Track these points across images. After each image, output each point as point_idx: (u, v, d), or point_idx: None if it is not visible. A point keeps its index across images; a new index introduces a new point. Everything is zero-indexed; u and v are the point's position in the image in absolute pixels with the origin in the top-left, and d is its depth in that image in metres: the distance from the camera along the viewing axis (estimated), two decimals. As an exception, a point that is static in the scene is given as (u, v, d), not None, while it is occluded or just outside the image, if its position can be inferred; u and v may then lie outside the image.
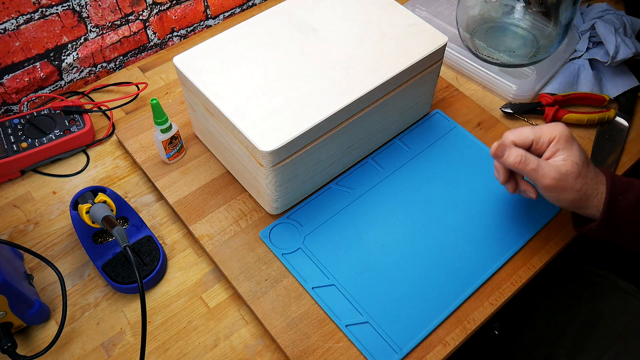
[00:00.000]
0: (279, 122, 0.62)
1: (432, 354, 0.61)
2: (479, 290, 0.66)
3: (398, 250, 0.68)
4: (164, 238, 0.72)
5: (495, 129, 0.81)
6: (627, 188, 0.58)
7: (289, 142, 0.61)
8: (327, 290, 0.65)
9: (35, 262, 0.69)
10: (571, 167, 0.57)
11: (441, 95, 0.86)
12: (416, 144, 0.79)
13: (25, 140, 0.76)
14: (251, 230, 0.70)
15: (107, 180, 0.77)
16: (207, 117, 0.69)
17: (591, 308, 0.78)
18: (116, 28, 0.89)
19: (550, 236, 0.70)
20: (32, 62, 0.83)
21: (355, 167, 0.76)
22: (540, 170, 0.57)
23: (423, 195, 0.73)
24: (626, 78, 0.86)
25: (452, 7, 0.97)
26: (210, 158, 0.78)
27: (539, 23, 0.87)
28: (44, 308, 0.63)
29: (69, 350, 0.63)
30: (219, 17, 1.01)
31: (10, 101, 0.85)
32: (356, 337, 0.62)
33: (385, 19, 0.73)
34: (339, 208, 0.72)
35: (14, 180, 0.77)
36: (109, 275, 0.65)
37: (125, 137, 0.80)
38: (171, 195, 0.73)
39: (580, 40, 0.89)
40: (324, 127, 0.64)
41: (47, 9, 0.79)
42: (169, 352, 0.63)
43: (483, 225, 0.70)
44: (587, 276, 0.83)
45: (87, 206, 0.63)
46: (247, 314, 0.66)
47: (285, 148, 0.61)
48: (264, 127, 0.62)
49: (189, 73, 0.67)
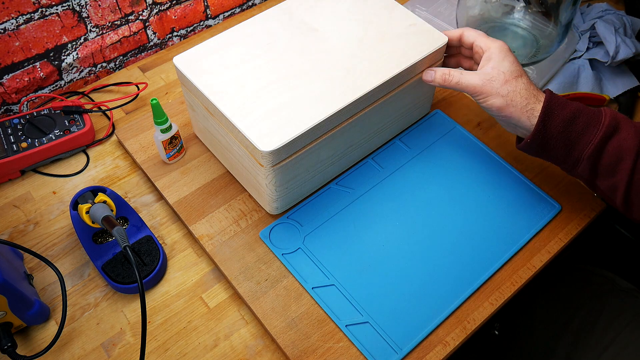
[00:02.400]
0: (279, 122, 0.62)
1: (432, 354, 0.61)
2: (479, 290, 0.66)
3: (398, 250, 0.68)
4: (164, 238, 0.72)
5: (495, 129, 0.81)
6: (564, 104, 0.60)
7: (289, 142, 0.61)
8: (327, 290, 0.65)
9: (35, 262, 0.69)
10: (496, 74, 0.61)
11: (441, 95, 0.86)
12: (416, 144, 0.79)
13: (25, 140, 0.76)
14: (251, 230, 0.70)
15: (107, 180, 0.77)
16: (207, 117, 0.69)
17: (591, 308, 0.78)
18: (116, 28, 0.89)
19: (550, 236, 0.70)
20: (32, 62, 0.83)
21: (355, 167, 0.76)
22: (464, 79, 0.63)
23: (423, 195, 0.73)
24: (626, 78, 0.86)
25: (452, 7, 0.97)
26: (210, 158, 0.77)
27: (539, 23, 0.87)
28: (44, 308, 0.63)
29: (69, 350, 0.63)
30: (219, 17, 1.01)
31: (10, 101, 0.85)
32: (356, 337, 0.62)
33: (385, 19, 0.73)
34: (339, 208, 0.72)
35: (14, 180, 0.77)
36: (109, 275, 0.65)
37: (125, 137, 0.80)
38: (171, 195, 0.73)
39: (580, 40, 0.89)
40: (324, 127, 0.64)
41: (47, 8, 0.79)
42: (169, 352, 0.63)
43: (483, 225, 0.70)
44: (587, 276, 0.83)
45: (87, 206, 0.63)
46: (247, 314, 0.66)
47: (285, 148, 0.61)
48: (264, 127, 0.62)
49: (189, 73, 0.67)
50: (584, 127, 0.59)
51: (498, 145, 0.79)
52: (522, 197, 0.73)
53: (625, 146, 0.57)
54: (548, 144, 0.61)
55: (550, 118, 0.59)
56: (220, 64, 0.68)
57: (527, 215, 0.71)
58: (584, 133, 0.59)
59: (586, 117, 0.59)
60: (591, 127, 0.59)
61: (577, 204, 0.73)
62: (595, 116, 0.59)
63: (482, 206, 0.72)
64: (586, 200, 0.74)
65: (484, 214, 0.71)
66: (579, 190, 0.74)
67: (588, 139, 0.58)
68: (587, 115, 0.59)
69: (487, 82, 0.61)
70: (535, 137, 0.60)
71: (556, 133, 0.59)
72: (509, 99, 0.60)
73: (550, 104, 0.59)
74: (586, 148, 0.59)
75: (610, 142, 0.58)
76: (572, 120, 0.59)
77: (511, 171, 0.76)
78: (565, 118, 0.59)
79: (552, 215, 0.72)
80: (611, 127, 0.58)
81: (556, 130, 0.59)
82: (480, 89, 0.61)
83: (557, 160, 0.62)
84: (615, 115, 0.59)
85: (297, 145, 0.62)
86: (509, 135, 0.81)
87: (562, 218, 0.72)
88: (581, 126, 0.59)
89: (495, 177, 0.75)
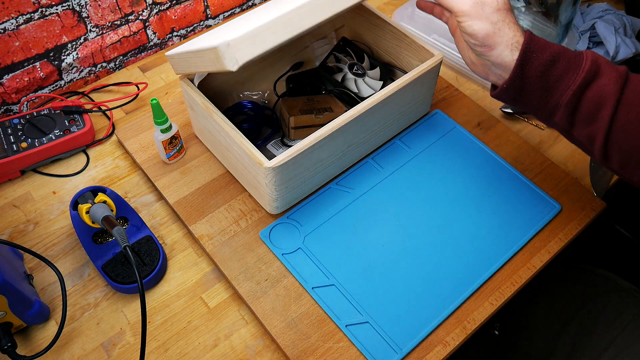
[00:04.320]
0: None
1: (432, 354, 0.61)
2: (479, 290, 0.66)
3: (398, 250, 0.68)
4: (164, 238, 0.72)
5: (495, 129, 0.81)
6: (545, 46, 0.56)
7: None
8: (327, 290, 0.65)
9: (35, 262, 0.69)
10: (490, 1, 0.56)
11: (441, 95, 0.86)
12: (416, 144, 0.79)
13: (25, 140, 0.76)
14: (251, 230, 0.70)
15: (107, 180, 0.77)
16: (207, 117, 0.69)
17: (591, 308, 0.78)
18: (116, 28, 0.89)
19: (550, 236, 0.70)
20: (32, 62, 0.83)
21: (355, 167, 0.76)
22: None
23: (423, 195, 0.73)
24: (626, 78, 0.86)
25: (452, 7, 0.96)
26: (210, 158, 0.77)
27: (539, 23, 0.87)
28: (44, 308, 0.63)
29: (69, 350, 0.63)
30: (219, 17, 1.01)
31: (10, 101, 0.85)
32: (356, 337, 0.62)
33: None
34: (339, 208, 0.72)
35: (14, 180, 0.77)
36: (109, 275, 0.65)
37: (125, 137, 0.80)
38: (171, 195, 0.73)
39: (580, 40, 0.89)
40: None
41: (47, 8, 0.79)
42: (169, 352, 0.63)
43: (483, 225, 0.70)
44: (588, 276, 0.83)
45: (87, 206, 0.63)
46: (247, 314, 0.66)
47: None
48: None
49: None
50: (563, 72, 0.55)
51: (498, 145, 0.79)
52: (522, 197, 0.73)
53: (606, 92, 0.54)
54: (525, 89, 0.57)
55: (528, 60, 0.55)
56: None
57: (527, 215, 0.71)
58: (563, 78, 0.55)
59: (566, 62, 0.55)
60: (570, 72, 0.55)
61: (577, 204, 0.73)
62: (576, 60, 0.55)
63: (482, 206, 0.72)
64: (586, 200, 0.74)
65: (484, 213, 0.71)
66: (579, 190, 0.75)
67: (567, 84, 0.55)
68: (567, 60, 0.55)
69: (478, 3, 0.56)
70: (512, 80, 0.56)
71: (534, 77, 0.56)
72: (497, 27, 0.56)
73: (530, 45, 0.55)
74: (564, 94, 0.55)
75: (590, 88, 0.54)
76: (552, 64, 0.55)
77: (511, 171, 0.76)
78: (545, 61, 0.55)
79: (552, 215, 0.72)
80: (591, 72, 0.54)
81: (534, 74, 0.55)
82: (468, 9, 0.56)
83: (533, 108, 0.58)
84: (596, 58, 0.55)
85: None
86: (508, 135, 0.81)
87: (562, 218, 0.72)
88: (560, 70, 0.55)
89: (495, 177, 0.75)
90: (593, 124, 0.55)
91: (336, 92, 0.75)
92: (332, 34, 0.86)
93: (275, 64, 0.82)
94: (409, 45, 0.77)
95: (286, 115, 0.72)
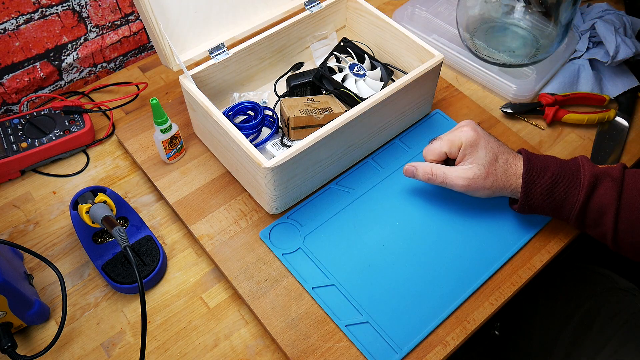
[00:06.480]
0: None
1: (432, 354, 0.61)
2: (479, 290, 0.66)
3: (398, 250, 0.68)
4: (164, 238, 0.72)
5: (495, 129, 0.81)
6: (542, 170, 0.63)
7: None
8: (327, 290, 0.65)
9: (35, 262, 0.69)
10: (478, 170, 0.64)
11: (441, 95, 0.86)
12: (416, 144, 0.79)
13: (25, 140, 0.76)
14: (251, 230, 0.70)
15: (107, 180, 0.77)
16: (207, 117, 0.69)
17: (590, 306, 0.78)
18: (116, 28, 0.89)
19: (550, 236, 0.70)
20: (32, 62, 0.83)
21: (355, 167, 0.76)
22: (449, 180, 0.66)
23: (423, 195, 0.73)
24: (626, 78, 0.86)
25: (452, 7, 0.97)
26: (210, 158, 0.77)
27: (539, 23, 0.87)
28: (44, 308, 0.63)
29: (69, 350, 0.63)
30: (219, 17, 1.01)
31: (10, 101, 0.85)
32: (356, 337, 0.62)
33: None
34: (339, 208, 0.72)
35: (14, 180, 0.77)
36: (109, 275, 0.66)
37: (125, 137, 0.80)
38: (171, 195, 0.73)
39: (580, 40, 0.89)
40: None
41: (47, 9, 0.79)
42: (169, 352, 0.63)
43: (483, 224, 0.70)
44: (587, 274, 0.84)
45: (87, 206, 0.63)
46: (247, 314, 0.66)
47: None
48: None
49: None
50: (565, 191, 0.62)
51: (498, 145, 0.79)
52: (522, 197, 0.73)
53: (605, 202, 0.61)
54: (536, 209, 0.65)
55: (531, 190, 0.63)
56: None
57: (527, 216, 0.71)
58: (567, 197, 0.62)
59: (566, 182, 0.62)
60: (572, 190, 0.62)
61: (577, 204, 0.73)
62: (574, 177, 0.62)
63: (483, 206, 0.72)
64: (586, 200, 0.74)
65: (484, 213, 0.71)
66: (579, 190, 0.74)
67: (572, 201, 0.62)
68: (566, 179, 0.62)
69: (471, 182, 0.65)
70: (522, 208, 0.65)
71: (541, 202, 0.63)
72: (494, 188, 0.65)
73: (529, 176, 0.63)
74: (572, 211, 0.63)
75: (592, 200, 0.61)
76: (553, 187, 0.62)
77: (511, 171, 0.75)
78: (546, 187, 0.63)
79: (552, 215, 0.72)
80: (590, 186, 0.61)
81: (540, 199, 0.63)
82: (466, 188, 0.65)
83: (549, 216, 0.67)
84: (593, 170, 0.62)
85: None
86: (509, 135, 0.81)
87: (562, 218, 0.72)
88: (562, 191, 0.62)
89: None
90: (600, 227, 0.62)
91: (336, 93, 0.75)
92: (332, 35, 0.86)
93: (275, 65, 0.82)
94: (409, 45, 0.77)
95: (286, 116, 0.72)
